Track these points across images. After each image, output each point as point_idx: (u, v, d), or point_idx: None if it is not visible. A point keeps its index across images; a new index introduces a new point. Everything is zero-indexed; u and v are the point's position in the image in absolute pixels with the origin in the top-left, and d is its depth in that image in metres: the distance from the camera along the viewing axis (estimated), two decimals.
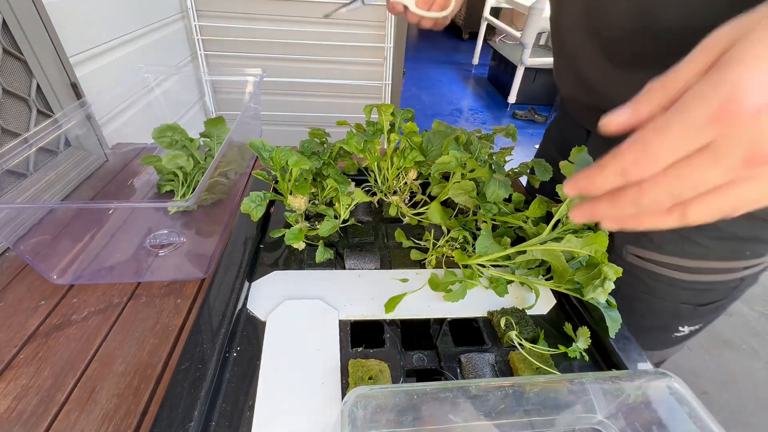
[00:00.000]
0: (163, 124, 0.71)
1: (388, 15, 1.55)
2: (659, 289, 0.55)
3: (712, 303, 0.55)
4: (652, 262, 0.54)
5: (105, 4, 1.00)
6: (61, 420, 0.40)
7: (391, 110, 0.59)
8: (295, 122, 1.80)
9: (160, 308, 0.52)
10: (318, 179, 0.60)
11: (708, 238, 0.50)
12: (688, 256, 0.51)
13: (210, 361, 0.38)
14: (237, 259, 0.49)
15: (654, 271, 0.55)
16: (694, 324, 0.58)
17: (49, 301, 0.52)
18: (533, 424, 0.35)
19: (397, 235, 0.55)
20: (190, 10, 1.46)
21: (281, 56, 1.62)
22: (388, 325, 0.45)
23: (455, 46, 5.10)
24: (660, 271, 0.54)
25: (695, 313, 0.56)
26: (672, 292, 0.55)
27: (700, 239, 0.50)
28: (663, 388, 0.33)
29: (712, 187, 0.22)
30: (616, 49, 0.47)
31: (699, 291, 0.54)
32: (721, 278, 0.53)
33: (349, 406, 0.30)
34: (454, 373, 0.41)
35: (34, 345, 0.47)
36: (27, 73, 0.77)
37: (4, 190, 0.64)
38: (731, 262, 0.51)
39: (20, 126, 0.75)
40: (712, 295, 0.55)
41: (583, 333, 0.43)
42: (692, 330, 0.59)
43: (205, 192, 0.67)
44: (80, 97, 0.86)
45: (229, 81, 1.55)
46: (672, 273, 0.54)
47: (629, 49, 0.46)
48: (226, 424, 0.35)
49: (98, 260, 0.59)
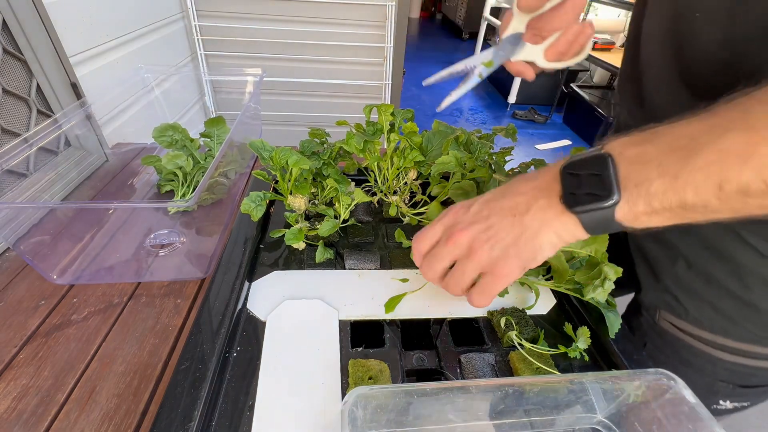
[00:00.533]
0: (164, 124, 0.71)
1: (389, 15, 1.55)
2: (695, 363, 0.50)
3: (758, 387, 0.50)
4: (689, 335, 0.49)
5: (105, 4, 1.00)
6: (61, 420, 0.40)
7: (391, 110, 0.59)
8: (295, 122, 1.80)
9: (160, 308, 0.52)
10: (318, 179, 0.60)
11: (761, 326, 0.45)
12: (733, 337, 0.47)
13: (210, 361, 0.38)
14: (237, 259, 0.49)
15: (690, 344, 0.50)
16: (738, 401, 0.52)
17: (49, 301, 0.52)
18: (533, 424, 0.35)
19: (397, 235, 0.55)
20: (190, 10, 1.46)
21: (281, 56, 1.62)
22: (388, 325, 0.45)
23: (455, 46, 5.10)
24: (697, 345, 0.49)
25: (735, 392, 0.51)
26: (710, 368, 0.50)
27: (751, 326, 0.45)
28: (663, 388, 0.33)
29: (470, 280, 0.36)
30: (699, 79, 0.41)
31: (743, 374, 0.49)
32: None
33: (349, 406, 0.30)
34: (454, 373, 0.41)
35: (34, 345, 0.47)
36: (27, 73, 0.77)
37: (4, 190, 0.64)
38: None
39: (20, 126, 0.75)
40: (758, 379, 0.49)
41: (583, 333, 0.43)
42: (737, 406, 0.53)
43: (205, 192, 0.67)
44: (80, 97, 0.86)
45: (229, 81, 1.55)
46: (712, 351, 0.48)
47: (712, 80, 0.40)
48: (226, 424, 0.35)
49: (98, 260, 0.59)
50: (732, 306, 0.45)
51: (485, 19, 4.05)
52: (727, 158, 0.25)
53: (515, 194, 0.35)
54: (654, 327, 0.53)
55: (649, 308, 0.53)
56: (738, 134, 0.25)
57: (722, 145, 0.25)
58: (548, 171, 0.34)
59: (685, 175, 0.26)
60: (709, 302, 0.47)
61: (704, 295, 0.47)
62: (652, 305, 0.53)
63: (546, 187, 0.33)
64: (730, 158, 0.25)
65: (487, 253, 0.34)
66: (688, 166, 0.26)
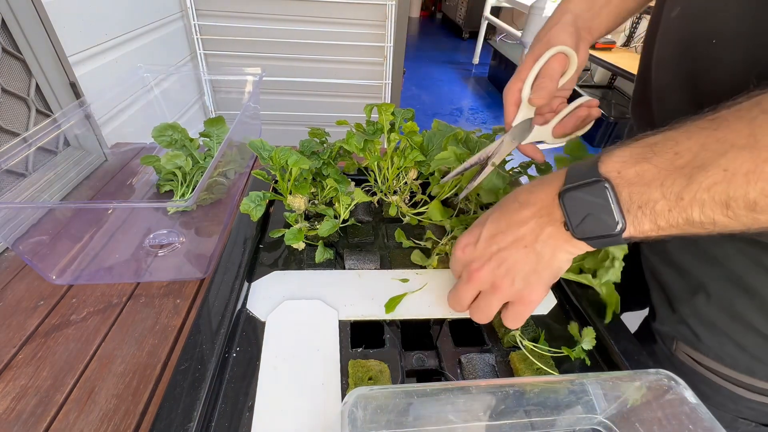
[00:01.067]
0: (163, 123, 0.71)
1: (389, 14, 1.55)
2: (715, 398, 0.47)
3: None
4: (710, 370, 0.46)
5: (104, 4, 1.00)
6: (60, 420, 0.40)
7: (391, 110, 0.59)
8: (294, 122, 1.80)
9: (159, 308, 0.52)
10: (318, 179, 0.60)
11: None
12: (759, 376, 0.43)
13: (209, 361, 0.37)
14: (236, 259, 0.49)
15: (711, 380, 0.46)
16: None
17: (48, 302, 0.52)
18: (534, 425, 0.35)
19: (397, 235, 0.55)
20: (190, 10, 1.45)
21: (281, 56, 1.62)
22: (388, 325, 0.45)
23: (455, 46, 5.10)
24: (718, 381, 0.46)
25: (758, 430, 0.48)
26: (731, 406, 0.47)
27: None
28: (663, 388, 0.33)
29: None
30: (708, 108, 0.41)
31: (766, 413, 0.46)
32: None
33: (349, 406, 0.29)
34: (455, 373, 0.41)
35: (33, 345, 0.47)
36: (26, 73, 0.77)
37: (3, 190, 0.64)
38: None
39: (19, 126, 0.75)
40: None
41: (588, 333, 0.43)
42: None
43: (204, 192, 0.67)
44: (79, 96, 0.86)
45: (229, 80, 1.55)
46: (734, 389, 0.45)
47: None
48: (226, 425, 0.35)
49: (97, 260, 0.59)
50: (758, 344, 0.42)
51: (486, 18, 4.05)
52: (732, 178, 0.24)
53: (518, 224, 0.34)
54: (670, 358, 0.50)
55: (665, 338, 0.50)
56: (743, 153, 0.24)
57: (727, 164, 0.25)
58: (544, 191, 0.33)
59: (689, 195, 0.26)
60: (733, 339, 0.43)
61: (727, 331, 0.44)
62: (669, 335, 0.49)
63: (547, 214, 0.33)
64: (736, 178, 0.24)
65: (509, 286, 0.36)
66: (692, 185, 0.26)
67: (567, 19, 0.44)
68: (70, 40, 0.87)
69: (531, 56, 0.44)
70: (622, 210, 0.29)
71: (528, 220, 0.34)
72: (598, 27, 0.46)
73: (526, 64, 0.44)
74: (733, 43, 0.36)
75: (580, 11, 0.45)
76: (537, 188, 0.34)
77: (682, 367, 0.49)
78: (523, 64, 0.44)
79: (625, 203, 0.29)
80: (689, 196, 0.26)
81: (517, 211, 0.35)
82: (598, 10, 0.46)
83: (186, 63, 1.54)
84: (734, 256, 0.41)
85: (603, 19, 0.46)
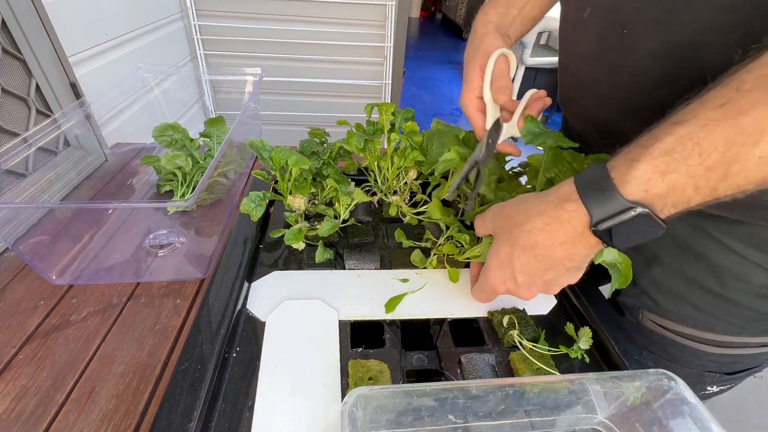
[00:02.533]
0: (164, 123, 0.71)
1: (389, 14, 1.55)
2: (682, 358, 0.52)
3: (742, 372, 0.52)
4: (674, 333, 0.51)
5: (104, 4, 1.00)
6: (60, 420, 0.40)
7: (392, 110, 0.59)
8: (294, 122, 1.80)
9: (159, 309, 0.52)
10: (318, 179, 0.60)
11: (742, 319, 0.46)
12: (717, 331, 0.48)
13: (209, 361, 0.37)
14: (236, 259, 0.49)
15: (676, 341, 0.51)
16: (722, 385, 0.54)
17: (48, 302, 0.52)
18: (534, 425, 0.35)
19: (397, 235, 0.55)
20: (190, 10, 1.46)
21: (281, 56, 1.62)
22: (388, 325, 0.45)
23: (455, 46, 5.10)
24: (683, 342, 0.50)
25: (722, 379, 0.53)
26: (697, 362, 0.51)
27: (732, 319, 0.47)
28: (663, 388, 0.33)
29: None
30: (636, 94, 0.42)
31: (727, 363, 0.51)
32: (753, 352, 0.49)
33: (349, 406, 0.29)
34: (455, 373, 0.41)
35: (33, 345, 0.47)
36: (26, 73, 0.77)
37: (3, 190, 0.64)
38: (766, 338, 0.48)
39: (19, 126, 0.75)
40: (742, 365, 0.51)
41: (585, 333, 0.43)
42: (722, 389, 0.55)
43: (204, 192, 0.67)
44: (79, 96, 0.86)
45: (229, 80, 1.55)
46: (698, 346, 0.50)
47: (652, 94, 0.41)
48: (226, 425, 0.35)
49: (97, 260, 0.59)
50: (712, 303, 0.46)
51: None
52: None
53: (554, 258, 0.35)
54: (639, 327, 0.53)
55: (631, 309, 0.54)
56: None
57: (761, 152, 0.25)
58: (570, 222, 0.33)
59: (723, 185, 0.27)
60: (689, 301, 0.48)
61: (684, 294, 0.48)
62: (634, 306, 0.53)
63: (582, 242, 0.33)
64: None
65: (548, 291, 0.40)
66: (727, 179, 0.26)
67: (491, 28, 0.50)
68: (70, 40, 0.87)
69: (475, 65, 0.48)
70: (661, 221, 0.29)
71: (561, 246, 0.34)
72: (513, 33, 0.53)
73: (473, 74, 0.48)
74: (644, 29, 0.39)
75: (498, 20, 0.51)
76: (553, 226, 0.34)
77: (651, 335, 0.53)
78: (470, 75, 0.48)
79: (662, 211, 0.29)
80: (724, 186, 0.27)
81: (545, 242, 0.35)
82: (512, 20, 0.52)
83: (186, 63, 1.54)
84: (678, 224, 0.44)
85: (516, 26, 0.53)
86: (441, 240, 0.54)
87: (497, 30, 0.50)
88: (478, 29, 0.51)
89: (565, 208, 0.33)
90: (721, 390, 0.55)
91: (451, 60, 4.62)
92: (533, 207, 0.36)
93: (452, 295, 0.49)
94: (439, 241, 0.54)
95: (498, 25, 0.51)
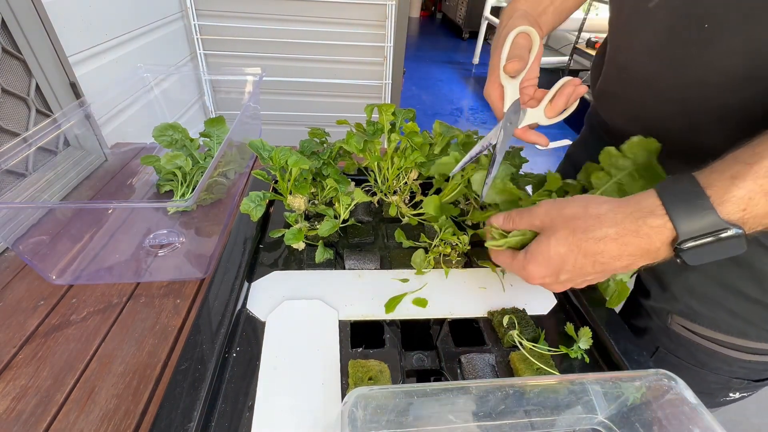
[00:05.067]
0: (164, 123, 0.71)
1: (389, 14, 1.55)
2: (710, 363, 0.50)
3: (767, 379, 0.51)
4: (705, 338, 0.49)
5: (104, 4, 1.00)
6: (60, 420, 0.40)
7: (392, 110, 0.59)
8: (294, 122, 1.80)
9: (159, 308, 0.52)
10: (318, 179, 0.60)
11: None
12: (750, 338, 0.47)
13: (209, 361, 0.37)
14: (236, 259, 0.49)
15: (706, 347, 0.50)
16: (746, 392, 0.53)
17: (48, 302, 0.52)
18: (534, 425, 0.35)
19: (397, 235, 0.55)
20: (190, 10, 1.45)
21: (281, 56, 1.62)
22: (388, 325, 0.45)
23: (455, 46, 5.10)
24: (713, 347, 0.49)
25: (748, 386, 0.52)
26: (726, 368, 0.50)
27: (766, 325, 0.46)
28: (663, 388, 0.33)
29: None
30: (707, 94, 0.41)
31: (758, 370, 0.50)
32: None
33: (349, 406, 0.30)
34: (455, 373, 0.41)
35: (33, 345, 0.47)
36: (26, 73, 0.77)
37: (3, 189, 0.64)
38: None
39: (19, 126, 0.75)
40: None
41: (584, 333, 0.43)
42: (743, 395, 0.54)
43: (204, 192, 0.67)
44: (79, 96, 0.86)
45: (229, 80, 1.55)
46: (728, 351, 0.48)
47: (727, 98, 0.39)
48: (226, 425, 0.35)
49: (97, 260, 0.59)
50: (749, 309, 0.45)
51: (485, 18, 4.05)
52: None
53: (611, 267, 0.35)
54: (666, 331, 0.52)
55: (660, 313, 0.53)
56: None
57: None
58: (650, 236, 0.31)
59: None
60: (726, 307, 0.46)
61: (720, 300, 0.47)
62: (663, 311, 0.52)
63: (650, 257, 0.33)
64: None
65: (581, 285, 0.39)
66: None
67: (520, 14, 0.47)
68: (70, 40, 0.87)
69: (495, 53, 0.46)
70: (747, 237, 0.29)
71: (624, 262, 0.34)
72: (545, 23, 0.50)
73: (494, 61, 0.46)
74: (730, 24, 0.36)
75: (529, 8, 0.49)
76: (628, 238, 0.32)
77: (678, 339, 0.51)
78: (492, 62, 0.46)
79: (751, 229, 0.29)
80: None
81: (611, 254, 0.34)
82: (544, 9, 0.50)
83: (186, 63, 1.54)
84: None
85: (549, 16, 0.50)
86: (435, 241, 0.54)
87: (525, 16, 0.47)
88: (505, 15, 0.49)
89: (647, 222, 0.31)
90: (743, 396, 0.54)
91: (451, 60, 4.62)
92: (607, 215, 0.34)
93: (452, 296, 0.49)
94: (433, 242, 0.54)
95: (527, 13, 0.48)
